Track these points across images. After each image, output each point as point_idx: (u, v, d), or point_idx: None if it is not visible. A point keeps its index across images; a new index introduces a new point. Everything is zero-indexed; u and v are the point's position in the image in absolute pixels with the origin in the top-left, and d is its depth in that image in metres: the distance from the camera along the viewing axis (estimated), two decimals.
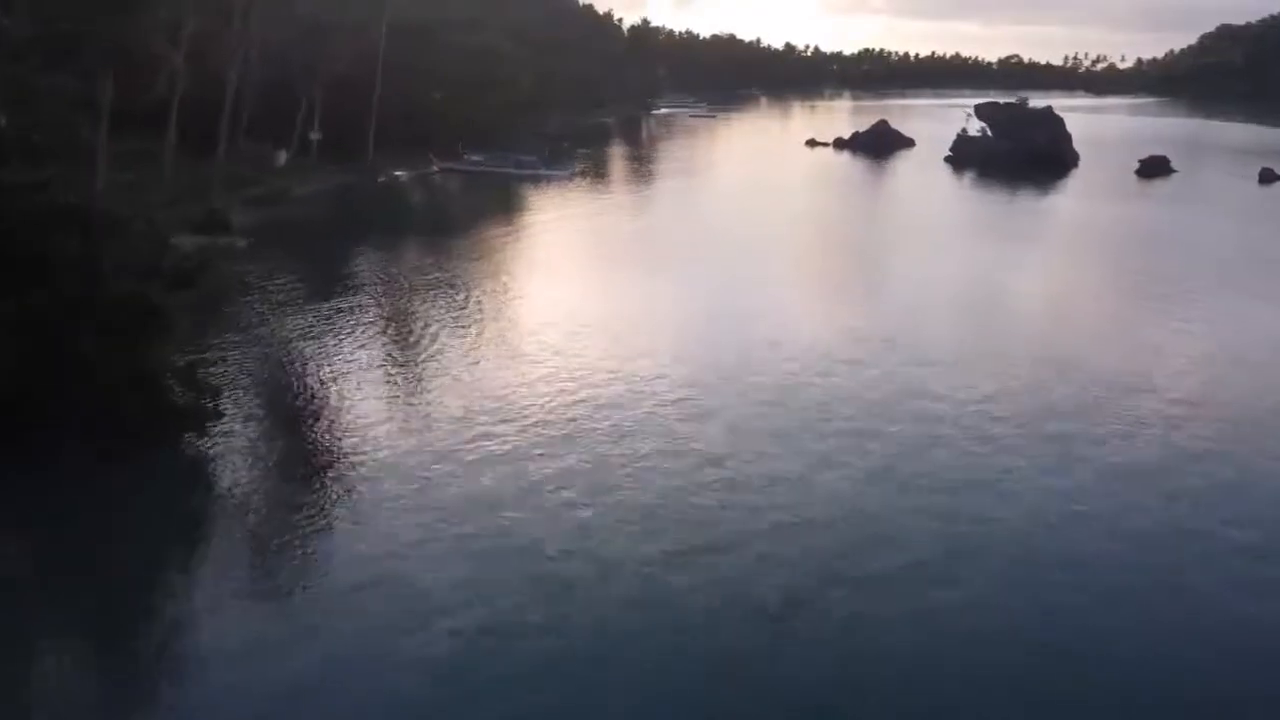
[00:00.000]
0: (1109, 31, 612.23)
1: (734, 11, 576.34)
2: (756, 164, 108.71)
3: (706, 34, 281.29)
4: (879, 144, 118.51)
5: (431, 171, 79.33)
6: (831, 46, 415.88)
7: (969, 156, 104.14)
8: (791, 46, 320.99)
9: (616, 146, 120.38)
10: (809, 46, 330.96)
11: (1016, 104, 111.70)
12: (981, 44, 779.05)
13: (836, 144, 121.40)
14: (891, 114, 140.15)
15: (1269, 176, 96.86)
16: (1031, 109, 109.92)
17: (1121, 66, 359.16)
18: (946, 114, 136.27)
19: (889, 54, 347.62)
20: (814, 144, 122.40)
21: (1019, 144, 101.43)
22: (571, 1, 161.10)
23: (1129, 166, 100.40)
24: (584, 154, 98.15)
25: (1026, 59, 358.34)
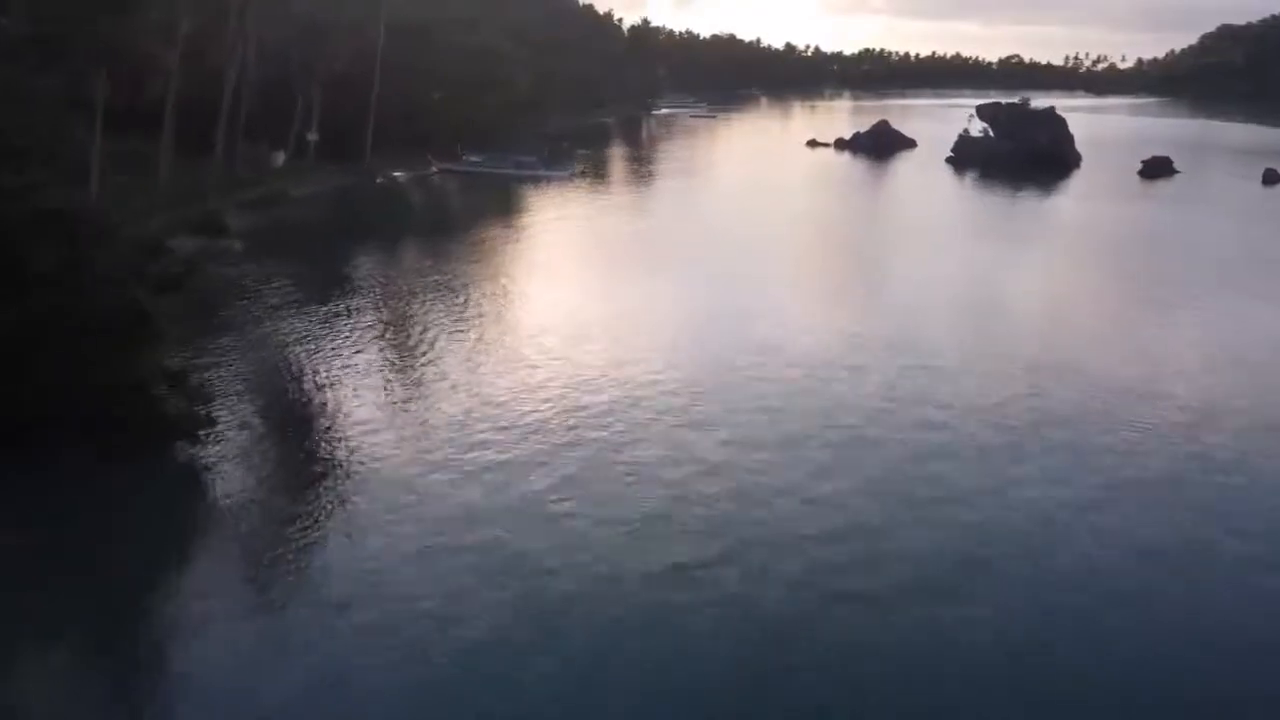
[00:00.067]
0: (1109, 31, 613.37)
1: (734, 11, 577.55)
2: (757, 164, 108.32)
3: (706, 34, 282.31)
4: (880, 144, 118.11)
5: (430, 173, 78.87)
6: (831, 46, 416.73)
7: (971, 157, 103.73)
8: (792, 46, 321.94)
9: (616, 147, 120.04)
10: (809, 46, 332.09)
11: (1018, 104, 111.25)
12: (982, 44, 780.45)
13: (837, 144, 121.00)
14: (892, 114, 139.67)
15: (1272, 177, 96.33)
16: (1033, 109, 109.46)
17: (1122, 66, 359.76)
18: (947, 114, 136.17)
19: (889, 54, 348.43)
20: (815, 144, 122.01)
21: (1021, 144, 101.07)
22: (571, 1, 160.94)
23: (1131, 167, 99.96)
24: (584, 154, 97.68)
25: (1027, 59, 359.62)
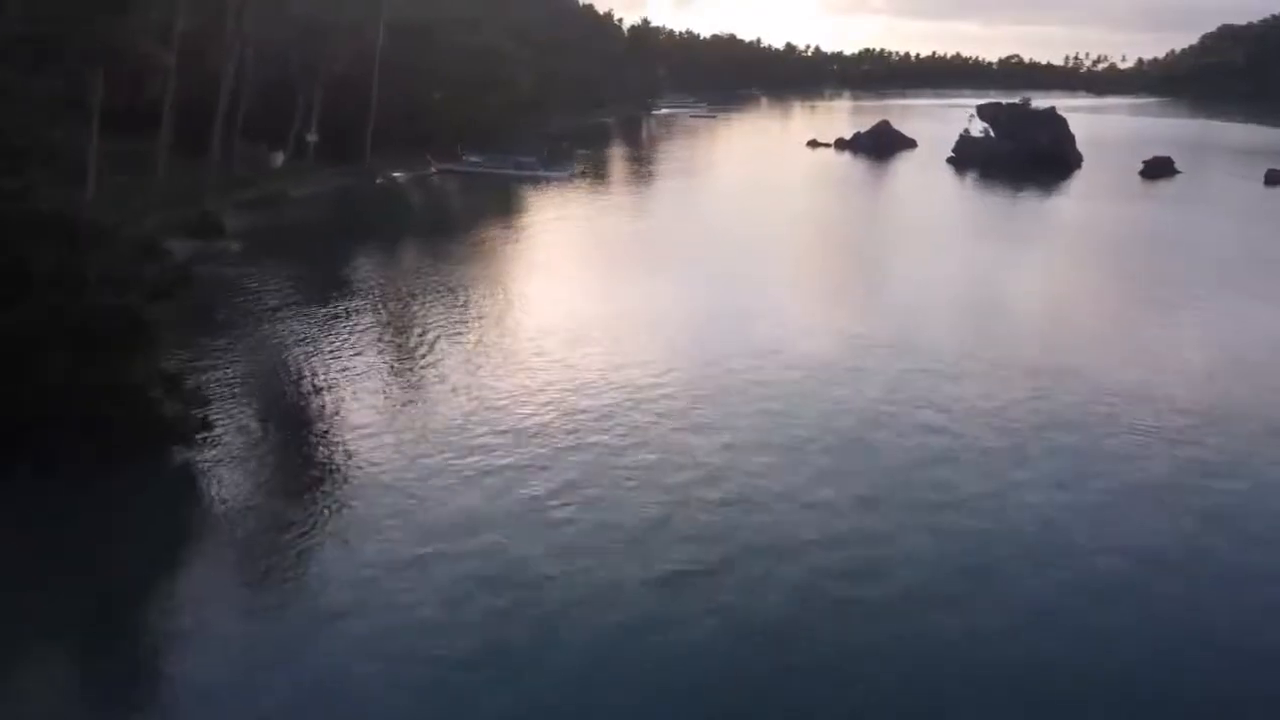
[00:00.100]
0: (1109, 31, 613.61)
1: (734, 11, 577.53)
2: (757, 164, 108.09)
3: (706, 34, 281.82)
4: (880, 144, 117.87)
5: (429, 173, 78.61)
6: (832, 46, 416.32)
7: (971, 157, 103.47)
8: (792, 46, 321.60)
9: (617, 147, 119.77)
10: (809, 46, 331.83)
11: (1019, 104, 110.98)
12: (982, 44, 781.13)
13: (838, 144, 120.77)
14: (892, 114, 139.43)
15: (1275, 178, 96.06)
16: (1034, 109, 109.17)
17: (1122, 66, 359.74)
18: (947, 114, 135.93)
19: (889, 54, 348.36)
20: (815, 144, 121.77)
21: (1022, 145, 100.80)
22: (572, 1, 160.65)
23: (1133, 167, 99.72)
24: (584, 154, 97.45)
25: (1027, 59, 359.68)
